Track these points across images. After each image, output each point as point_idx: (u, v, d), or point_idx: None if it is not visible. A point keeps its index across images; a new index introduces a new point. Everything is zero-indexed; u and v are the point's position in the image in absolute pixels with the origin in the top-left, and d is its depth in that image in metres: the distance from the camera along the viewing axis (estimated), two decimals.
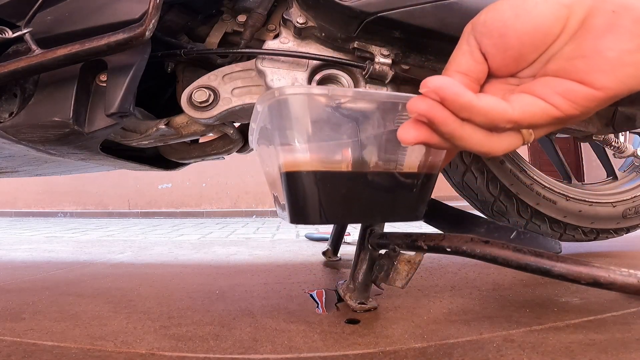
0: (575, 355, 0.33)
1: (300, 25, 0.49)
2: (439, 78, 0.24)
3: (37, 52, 0.43)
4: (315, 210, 0.31)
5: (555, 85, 0.24)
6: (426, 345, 0.37)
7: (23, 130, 0.46)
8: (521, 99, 0.25)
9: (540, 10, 0.24)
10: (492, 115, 0.24)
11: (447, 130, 0.24)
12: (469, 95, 0.23)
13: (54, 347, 0.38)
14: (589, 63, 0.24)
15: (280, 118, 0.32)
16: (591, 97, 0.24)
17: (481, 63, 0.26)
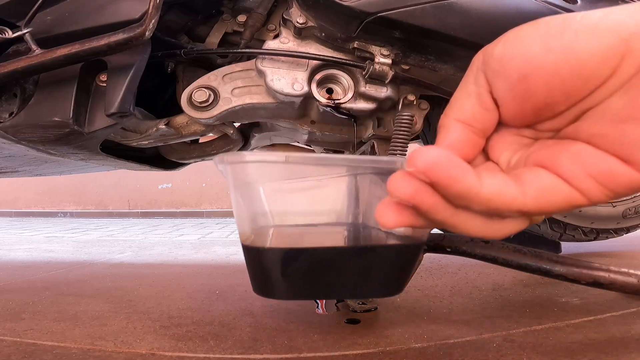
0: (575, 355, 0.33)
1: (300, 25, 0.49)
2: (430, 152, 0.17)
3: (37, 52, 0.43)
4: (277, 286, 0.28)
5: (590, 163, 0.18)
6: (426, 345, 0.37)
7: (23, 130, 0.46)
8: (538, 179, 0.18)
9: (583, 43, 0.17)
10: (497, 204, 0.18)
11: (436, 218, 0.19)
12: (469, 181, 0.17)
13: (54, 347, 0.38)
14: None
15: (235, 186, 0.28)
16: (634, 182, 0.17)
17: (491, 110, 0.20)
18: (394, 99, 0.52)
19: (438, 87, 0.52)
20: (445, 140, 0.20)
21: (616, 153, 0.17)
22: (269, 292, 0.29)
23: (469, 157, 0.20)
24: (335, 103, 0.50)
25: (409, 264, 0.30)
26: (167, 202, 4.86)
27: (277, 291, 0.28)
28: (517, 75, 0.18)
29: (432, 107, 0.59)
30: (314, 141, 0.65)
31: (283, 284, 0.28)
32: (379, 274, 0.28)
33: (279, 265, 0.28)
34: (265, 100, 0.51)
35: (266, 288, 0.29)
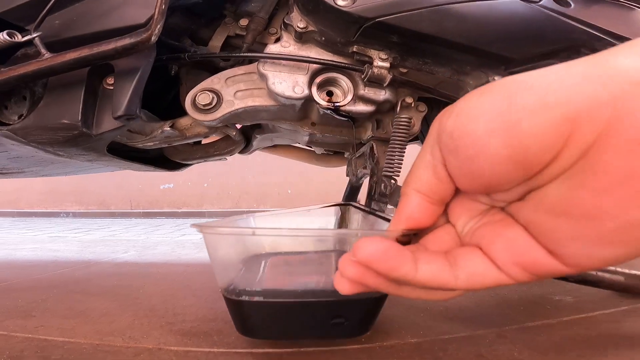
0: (563, 350, 0.34)
1: (300, 30, 0.50)
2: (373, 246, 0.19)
3: (46, 56, 0.45)
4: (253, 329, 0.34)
5: (519, 253, 0.18)
6: (422, 341, 0.38)
7: (32, 132, 0.47)
8: (470, 264, 0.19)
9: (528, 124, 0.16)
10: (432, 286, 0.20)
11: (383, 291, 0.21)
12: (404, 270, 0.19)
13: (64, 343, 0.39)
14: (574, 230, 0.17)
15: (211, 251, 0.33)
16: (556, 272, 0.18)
17: (445, 182, 0.20)
18: (392, 101, 0.53)
19: (435, 90, 0.53)
20: (404, 210, 0.22)
21: (545, 244, 0.18)
22: (248, 333, 0.35)
23: (427, 223, 0.22)
24: (335, 106, 0.52)
25: (373, 311, 0.35)
26: (168, 203, 4.88)
27: (254, 333, 0.34)
28: (464, 155, 0.18)
29: (431, 109, 0.60)
30: (314, 142, 0.67)
31: (257, 328, 0.34)
32: (346, 320, 0.32)
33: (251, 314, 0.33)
34: (267, 103, 0.53)
35: (245, 330, 0.35)
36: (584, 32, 0.48)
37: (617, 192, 0.15)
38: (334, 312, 0.32)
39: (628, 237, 0.16)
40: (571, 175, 0.16)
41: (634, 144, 0.15)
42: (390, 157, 0.50)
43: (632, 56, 0.16)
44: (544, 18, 0.47)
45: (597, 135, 0.15)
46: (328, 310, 0.32)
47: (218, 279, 0.34)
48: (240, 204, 4.77)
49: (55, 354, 0.36)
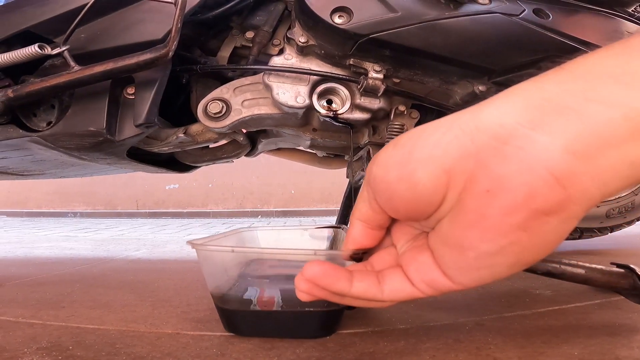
0: (531, 337, 0.38)
1: (302, 44, 0.55)
2: (314, 268, 0.24)
3: (75, 68, 0.49)
4: (238, 328, 0.42)
5: (424, 272, 0.23)
6: (409, 327, 0.43)
7: (61, 138, 0.52)
8: (392, 281, 0.24)
9: (419, 175, 0.20)
10: (364, 298, 0.25)
11: (332, 300, 0.26)
12: (339, 285, 0.24)
13: (95, 330, 0.44)
14: (451, 257, 0.21)
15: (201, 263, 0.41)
16: (450, 289, 0.23)
17: (379, 213, 0.24)
18: (387, 109, 0.58)
19: (426, 98, 0.58)
20: (350, 235, 0.27)
21: (440, 267, 0.23)
22: (234, 331, 0.42)
23: (371, 244, 0.27)
24: (334, 113, 0.56)
25: (334, 319, 0.41)
26: (174, 203, 4.95)
27: (237, 331, 0.42)
28: (384, 197, 0.23)
29: (424, 115, 0.65)
30: (316, 146, 0.71)
31: (240, 327, 0.41)
32: (309, 326, 0.40)
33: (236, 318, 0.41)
34: (271, 111, 0.57)
35: (230, 328, 0.42)
36: (562, 43, 0.51)
37: (474, 229, 0.19)
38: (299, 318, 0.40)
39: (486, 263, 0.20)
40: (453, 214, 0.20)
41: (484, 192, 0.19)
42: None
43: (500, 107, 0.19)
44: (523, 31, 0.51)
45: (465, 182, 0.19)
46: (295, 316, 0.39)
47: (208, 285, 0.42)
48: (245, 204, 4.82)
49: (88, 339, 0.41)
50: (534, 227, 0.18)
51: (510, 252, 0.19)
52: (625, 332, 0.39)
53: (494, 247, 0.19)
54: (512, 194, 0.18)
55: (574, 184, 0.17)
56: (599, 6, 0.56)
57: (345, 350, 0.37)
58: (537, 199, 0.18)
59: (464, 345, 0.37)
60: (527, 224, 0.18)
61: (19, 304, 0.56)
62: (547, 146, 0.17)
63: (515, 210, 0.18)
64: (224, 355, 0.36)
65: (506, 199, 0.18)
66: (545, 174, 0.17)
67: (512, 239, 0.19)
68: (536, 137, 0.18)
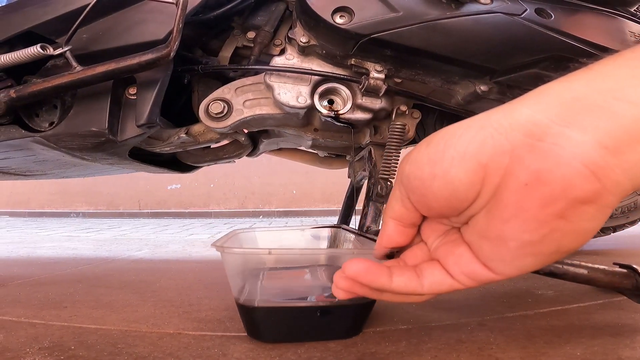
0: (533, 337, 0.38)
1: (303, 44, 0.55)
2: (357, 265, 0.25)
3: (78, 68, 0.49)
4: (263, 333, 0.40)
5: (463, 265, 0.24)
6: (411, 327, 0.43)
7: (64, 138, 0.52)
8: (432, 275, 0.25)
9: (455, 171, 0.21)
10: (405, 293, 0.25)
11: (369, 296, 0.26)
12: (381, 281, 0.25)
13: (97, 330, 0.44)
14: (492, 249, 0.22)
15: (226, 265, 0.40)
16: (492, 279, 0.23)
17: (412, 211, 0.25)
18: (388, 109, 0.58)
19: (428, 98, 0.58)
20: (384, 233, 0.27)
21: (480, 259, 0.23)
22: (257, 336, 0.40)
23: (403, 243, 0.27)
24: (335, 113, 0.56)
25: (362, 315, 0.41)
26: (176, 203, 4.96)
27: (263, 336, 0.39)
28: (417, 194, 0.23)
29: (426, 115, 0.65)
30: (317, 146, 0.71)
31: (266, 332, 0.39)
32: (339, 324, 0.39)
33: (261, 320, 0.39)
34: (273, 112, 0.57)
35: (254, 333, 0.40)
36: (564, 42, 0.51)
37: (514, 221, 0.20)
38: (326, 316, 0.38)
39: (529, 252, 0.21)
40: (488, 208, 0.21)
41: (522, 185, 0.20)
42: (386, 161, 0.55)
43: (532, 106, 0.20)
44: (525, 31, 0.51)
45: (501, 177, 0.20)
46: (322, 315, 0.38)
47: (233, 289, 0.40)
48: (246, 204, 4.83)
49: (90, 339, 0.41)
50: (572, 215, 0.19)
51: (552, 239, 0.20)
52: (628, 333, 0.39)
53: (536, 237, 0.20)
54: (551, 186, 0.19)
55: (607, 175, 0.18)
56: (601, 6, 0.55)
57: (346, 350, 0.37)
58: (574, 189, 0.19)
59: (465, 345, 0.37)
60: (566, 212, 0.19)
61: (21, 304, 0.56)
62: (580, 142, 0.19)
63: (554, 201, 0.19)
64: (226, 355, 0.36)
65: (545, 191, 0.19)
66: (580, 167, 0.19)
67: (552, 227, 0.20)
68: (569, 133, 0.19)
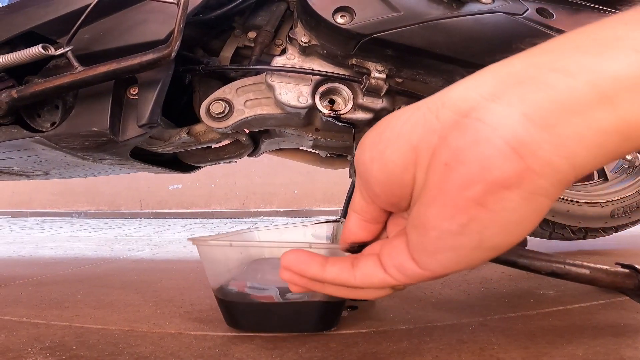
0: (535, 338, 0.38)
1: (304, 44, 0.55)
2: (290, 256, 0.25)
3: (79, 69, 0.50)
4: (239, 323, 0.43)
5: (395, 256, 0.22)
6: (412, 327, 0.43)
7: (65, 139, 0.52)
8: (365, 267, 0.24)
9: (389, 153, 0.20)
10: (338, 282, 0.25)
11: (314, 289, 0.26)
12: (313, 270, 0.25)
13: (99, 330, 0.44)
14: (417, 238, 0.20)
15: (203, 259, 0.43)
16: (420, 275, 0.22)
17: (370, 203, 0.24)
18: (389, 109, 0.58)
19: None
20: (345, 227, 0.26)
21: (409, 250, 0.21)
22: (235, 325, 0.43)
23: (366, 238, 0.26)
24: (337, 114, 0.56)
25: (333, 312, 0.42)
26: (177, 203, 4.96)
27: (239, 325, 0.43)
28: (363, 179, 0.22)
29: None
30: (318, 146, 0.71)
31: (242, 321, 0.43)
32: (310, 318, 0.41)
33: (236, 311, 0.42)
34: (274, 111, 0.57)
35: (232, 323, 0.44)
36: None
37: (435, 205, 0.18)
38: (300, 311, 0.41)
39: (449, 244, 0.19)
40: (420, 192, 0.20)
41: (443, 165, 0.18)
42: None
43: (467, 83, 0.19)
44: (526, 30, 0.51)
45: (429, 158, 0.19)
46: (291, 311, 0.41)
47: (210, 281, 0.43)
48: (248, 204, 4.83)
49: (92, 339, 0.41)
50: (492, 202, 0.17)
51: (471, 231, 0.18)
52: (630, 333, 0.39)
53: (454, 225, 0.18)
54: (468, 166, 0.17)
55: (533, 153, 0.16)
56: (603, 5, 0.55)
57: (348, 350, 0.37)
58: (492, 170, 0.17)
59: (467, 345, 0.37)
60: (484, 198, 0.17)
61: (23, 304, 0.56)
62: (504, 116, 0.17)
63: (471, 183, 0.17)
64: (227, 355, 0.36)
65: (462, 172, 0.17)
66: (500, 144, 0.16)
67: (470, 215, 0.18)
68: (494, 107, 0.17)
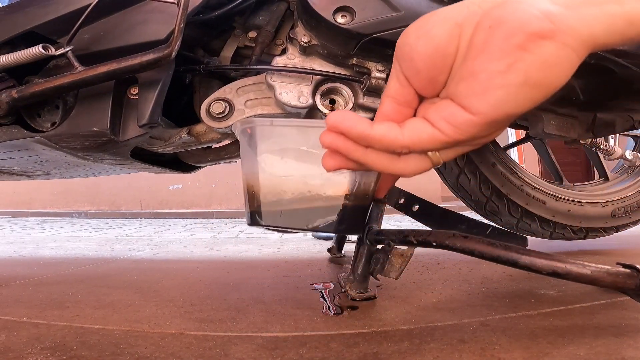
0: (537, 338, 0.38)
1: (304, 44, 0.55)
2: (336, 114, 0.26)
3: (79, 69, 0.49)
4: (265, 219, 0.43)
5: (442, 110, 0.25)
6: (413, 327, 0.43)
7: (66, 139, 0.52)
8: (412, 124, 0.26)
9: (435, 31, 0.24)
10: (386, 142, 0.26)
11: (353, 157, 0.27)
12: (361, 127, 0.26)
13: (99, 330, 0.44)
14: (466, 86, 0.24)
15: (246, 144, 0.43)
16: (470, 122, 0.24)
17: (406, 86, 0.26)
18: None
19: None
20: (379, 111, 0.28)
21: (458, 102, 0.24)
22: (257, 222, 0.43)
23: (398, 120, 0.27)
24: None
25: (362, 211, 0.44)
26: (177, 203, 4.96)
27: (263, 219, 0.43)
28: (407, 59, 0.26)
29: None
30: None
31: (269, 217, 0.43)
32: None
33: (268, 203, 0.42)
34: (274, 111, 0.57)
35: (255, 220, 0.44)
36: None
37: (482, 55, 0.23)
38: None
39: (498, 82, 0.23)
40: (465, 55, 0.24)
41: (487, 28, 0.23)
42: None
43: None
44: None
45: (473, 30, 0.24)
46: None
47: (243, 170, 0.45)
48: None
49: (92, 339, 0.41)
50: (532, 47, 0.22)
51: (517, 68, 0.22)
52: (632, 333, 0.39)
53: (502, 65, 0.22)
54: (510, 24, 0.22)
55: (560, 20, 0.22)
56: None
57: (348, 350, 0.37)
58: (529, 25, 0.22)
59: (468, 345, 0.37)
60: (525, 44, 0.22)
61: (23, 304, 0.56)
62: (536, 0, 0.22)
63: (514, 34, 0.22)
64: (227, 355, 0.36)
65: (505, 28, 0.22)
66: (535, 11, 0.22)
67: (515, 56, 0.22)
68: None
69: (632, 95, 0.58)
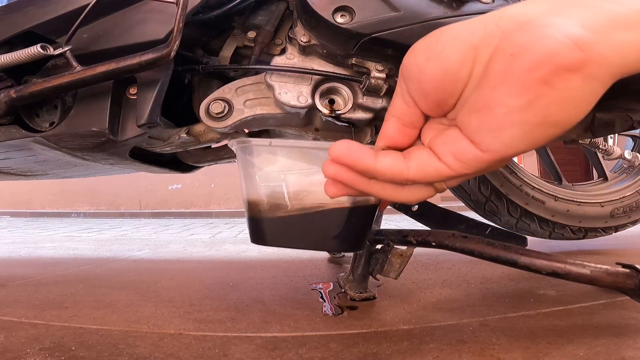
0: (536, 338, 0.38)
1: (304, 44, 0.55)
2: (340, 145, 0.25)
3: (78, 68, 0.49)
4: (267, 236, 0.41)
5: (451, 143, 0.24)
6: (412, 327, 0.43)
7: (64, 139, 0.52)
8: (418, 157, 0.25)
9: (447, 53, 0.22)
10: (390, 175, 0.25)
11: (359, 188, 0.26)
12: (365, 161, 0.24)
13: (98, 330, 0.44)
14: (479, 119, 0.22)
15: (244, 163, 0.41)
16: (479, 159, 0.22)
17: (412, 107, 0.25)
18: None
19: None
20: (383, 131, 0.27)
21: (468, 136, 0.23)
22: (261, 241, 0.41)
23: (403, 144, 0.26)
24: (336, 113, 0.56)
25: (363, 224, 0.41)
26: (177, 203, 4.96)
27: (267, 241, 0.41)
28: (415, 80, 0.24)
29: None
30: None
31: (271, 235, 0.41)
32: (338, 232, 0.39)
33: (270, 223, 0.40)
34: (273, 111, 0.57)
35: (258, 238, 0.41)
36: None
37: (501, 86, 0.21)
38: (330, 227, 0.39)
39: (516, 119, 0.21)
40: (479, 83, 0.22)
41: (509, 56, 0.21)
42: None
43: (524, 4, 0.22)
44: None
45: (491, 54, 0.21)
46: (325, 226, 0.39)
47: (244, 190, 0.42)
48: None
49: (91, 339, 0.41)
50: (557, 82, 0.20)
51: (538, 106, 0.20)
52: (631, 333, 0.39)
53: (522, 101, 0.20)
54: (535, 53, 0.20)
55: (591, 47, 0.20)
56: None
57: (348, 350, 0.36)
58: (558, 56, 0.20)
59: (467, 345, 0.37)
60: (551, 78, 0.20)
61: (22, 304, 0.56)
62: (565, 24, 0.20)
63: (539, 66, 0.20)
64: (227, 355, 0.36)
65: (529, 58, 0.20)
66: (564, 39, 0.20)
67: (537, 92, 0.20)
68: (555, 19, 0.20)
69: (631, 95, 0.58)
